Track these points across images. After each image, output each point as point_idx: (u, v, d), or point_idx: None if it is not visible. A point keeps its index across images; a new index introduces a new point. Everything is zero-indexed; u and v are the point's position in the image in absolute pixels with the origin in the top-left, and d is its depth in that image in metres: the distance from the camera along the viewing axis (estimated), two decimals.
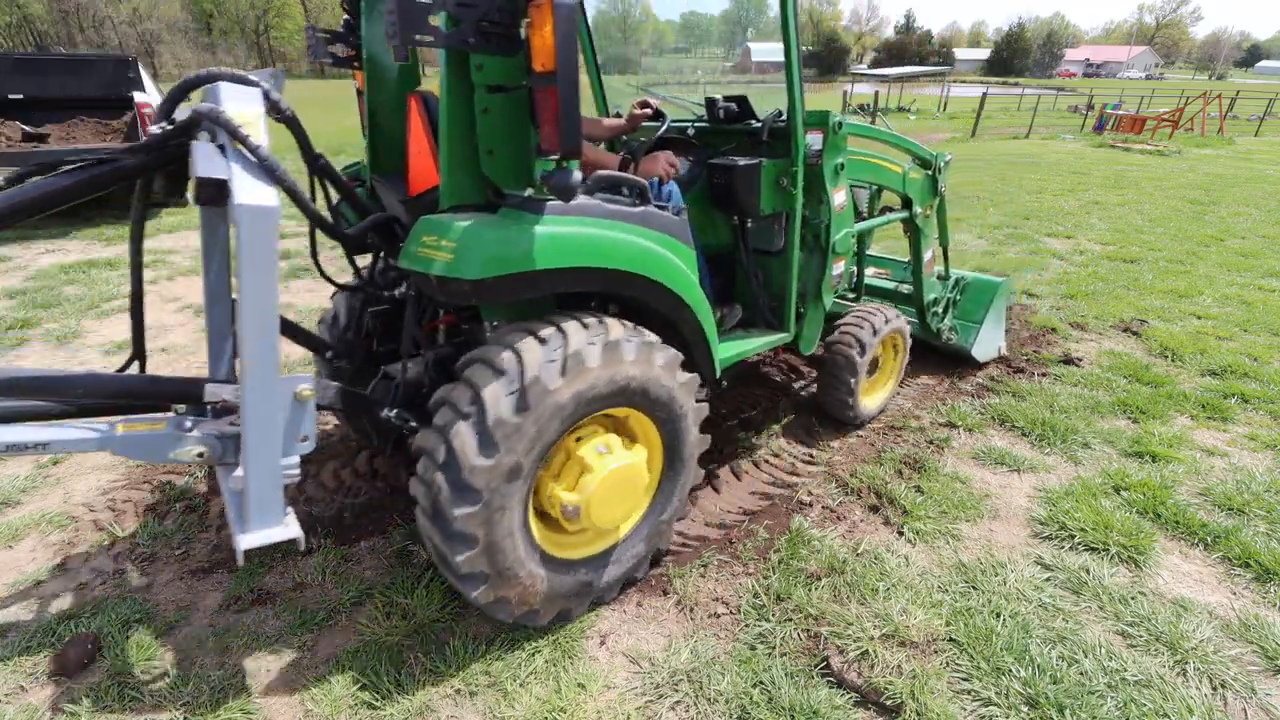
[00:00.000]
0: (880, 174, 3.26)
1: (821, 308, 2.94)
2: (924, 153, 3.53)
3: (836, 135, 2.74)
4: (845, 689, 1.98)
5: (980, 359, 4.02)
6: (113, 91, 8.03)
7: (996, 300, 3.95)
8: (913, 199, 3.45)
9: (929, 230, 3.63)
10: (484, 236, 1.74)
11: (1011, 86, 55.56)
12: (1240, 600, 2.34)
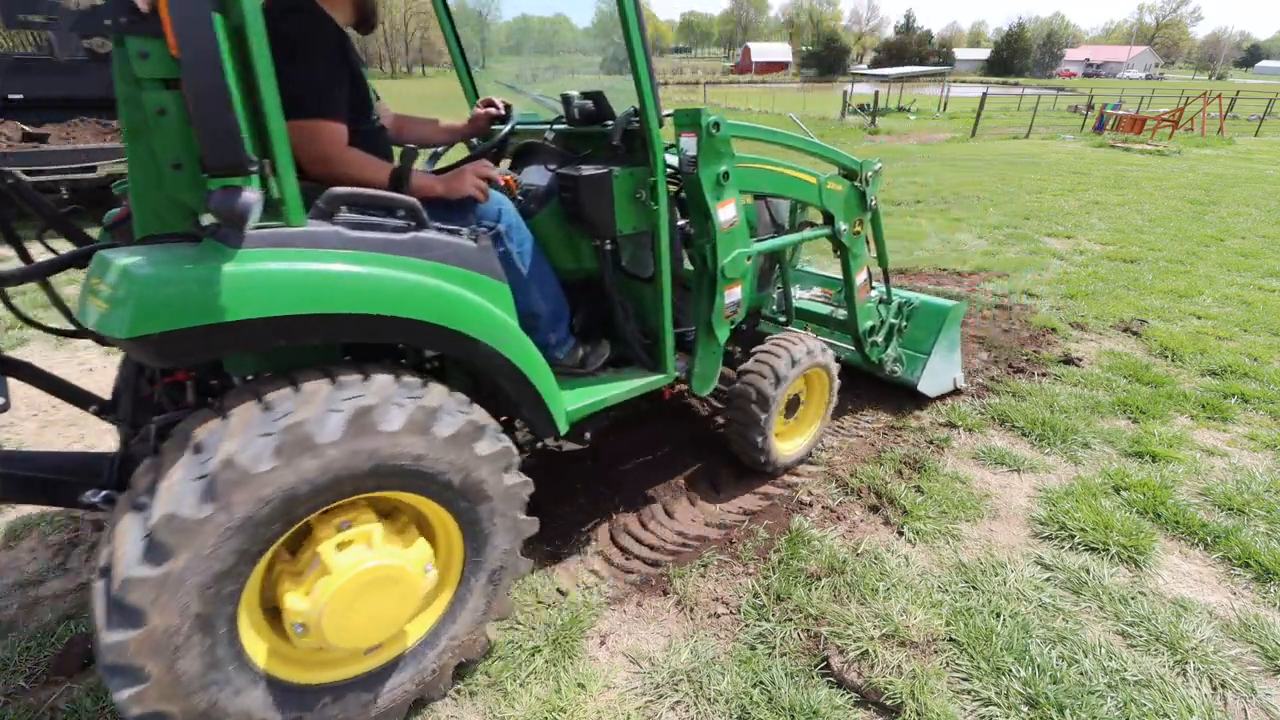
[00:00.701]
0: (785, 184, 2.75)
1: (715, 342, 2.54)
2: (846, 160, 3.03)
3: (715, 138, 2.31)
4: (845, 689, 1.98)
5: (929, 394, 3.58)
6: (112, 92, 8.02)
7: (947, 327, 3.49)
8: (834, 214, 2.96)
9: (859, 250, 3.14)
10: (144, 281, 1.28)
11: (1011, 86, 55.59)
12: (1240, 600, 2.34)
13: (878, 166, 3.07)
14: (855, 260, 3.12)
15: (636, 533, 2.67)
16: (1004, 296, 5.56)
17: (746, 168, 2.54)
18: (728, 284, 2.47)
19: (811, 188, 2.84)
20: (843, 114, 24.28)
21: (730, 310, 2.53)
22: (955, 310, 3.52)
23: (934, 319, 3.53)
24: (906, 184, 11.21)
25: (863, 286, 3.20)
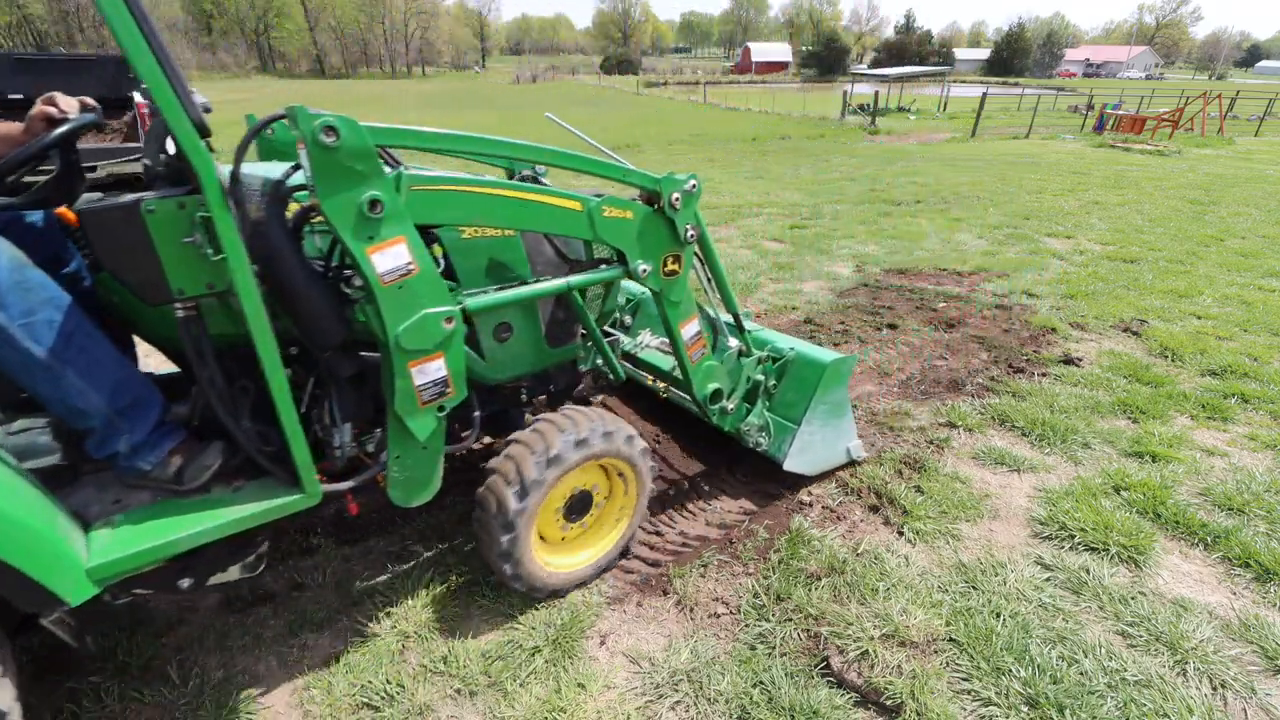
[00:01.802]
0: (512, 213, 1.90)
1: (412, 438, 1.84)
2: (639, 178, 2.14)
3: (333, 151, 1.50)
4: (845, 689, 1.98)
5: (804, 472, 2.87)
6: (113, 91, 8.04)
7: (824, 387, 2.74)
8: (625, 251, 2.15)
9: (679, 295, 2.33)
10: None
11: (1011, 86, 55.58)
12: (1240, 600, 2.34)
13: (690, 185, 2.22)
14: (674, 309, 2.34)
15: (636, 532, 2.67)
16: (1004, 296, 5.56)
17: (425, 191, 1.70)
18: (413, 358, 1.74)
19: (572, 216, 2.00)
20: (843, 114, 24.30)
21: (430, 394, 1.81)
22: (837, 366, 2.75)
23: (808, 377, 2.77)
24: (906, 184, 11.21)
25: (694, 342, 2.45)
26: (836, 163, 13.91)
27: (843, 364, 2.78)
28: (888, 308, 5.26)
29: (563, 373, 2.60)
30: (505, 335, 2.22)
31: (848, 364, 2.81)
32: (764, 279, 5.95)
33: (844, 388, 2.86)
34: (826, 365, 2.72)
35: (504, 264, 2.16)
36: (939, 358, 4.34)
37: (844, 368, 2.80)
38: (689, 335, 2.43)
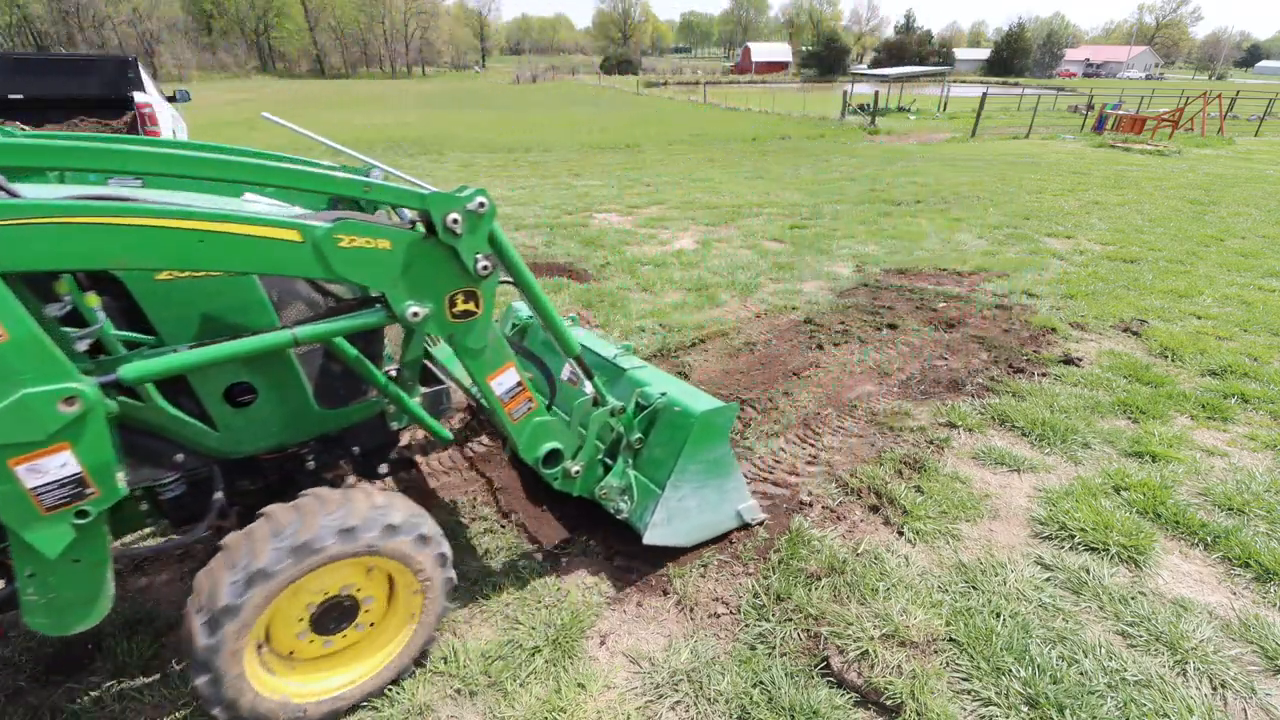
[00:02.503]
0: (174, 251, 1.41)
1: (36, 553, 1.43)
2: (386, 194, 1.64)
3: None
4: (845, 689, 1.98)
5: (674, 544, 2.42)
6: (113, 91, 8.04)
7: (694, 445, 2.28)
8: (384, 291, 1.68)
9: (474, 341, 1.87)
10: None
11: (1011, 86, 55.59)
12: (1240, 600, 2.34)
13: (477, 203, 1.66)
14: (475, 360, 1.90)
15: None
16: (1004, 296, 5.56)
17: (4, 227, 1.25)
18: (13, 455, 1.34)
19: (285, 251, 1.50)
20: (843, 114, 24.30)
21: (53, 498, 1.40)
22: (710, 418, 2.29)
23: (677, 431, 2.31)
24: (907, 184, 11.21)
25: (512, 396, 2.01)
26: (836, 163, 13.91)
27: (718, 415, 2.32)
28: (888, 308, 5.26)
29: (367, 433, 2.18)
30: (246, 399, 1.79)
31: (726, 414, 2.34)
32: (764, 279, 5.95)
33: (723, 442, 2.38)
34: (696, 417, 2.26)
35: (227, 310, 1.71)
36: (939, 358, 4.34)
37: (720, 419, 2.33)
38: (504, 389, 1.98)
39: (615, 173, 12.11)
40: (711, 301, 5.32)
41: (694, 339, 4.57)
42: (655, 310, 5.08)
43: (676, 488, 2.31)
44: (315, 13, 67.92)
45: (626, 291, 5.48)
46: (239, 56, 63.02)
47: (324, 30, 69.44)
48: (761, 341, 4.59)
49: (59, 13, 51.56)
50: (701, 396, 2.40)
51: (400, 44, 76.79)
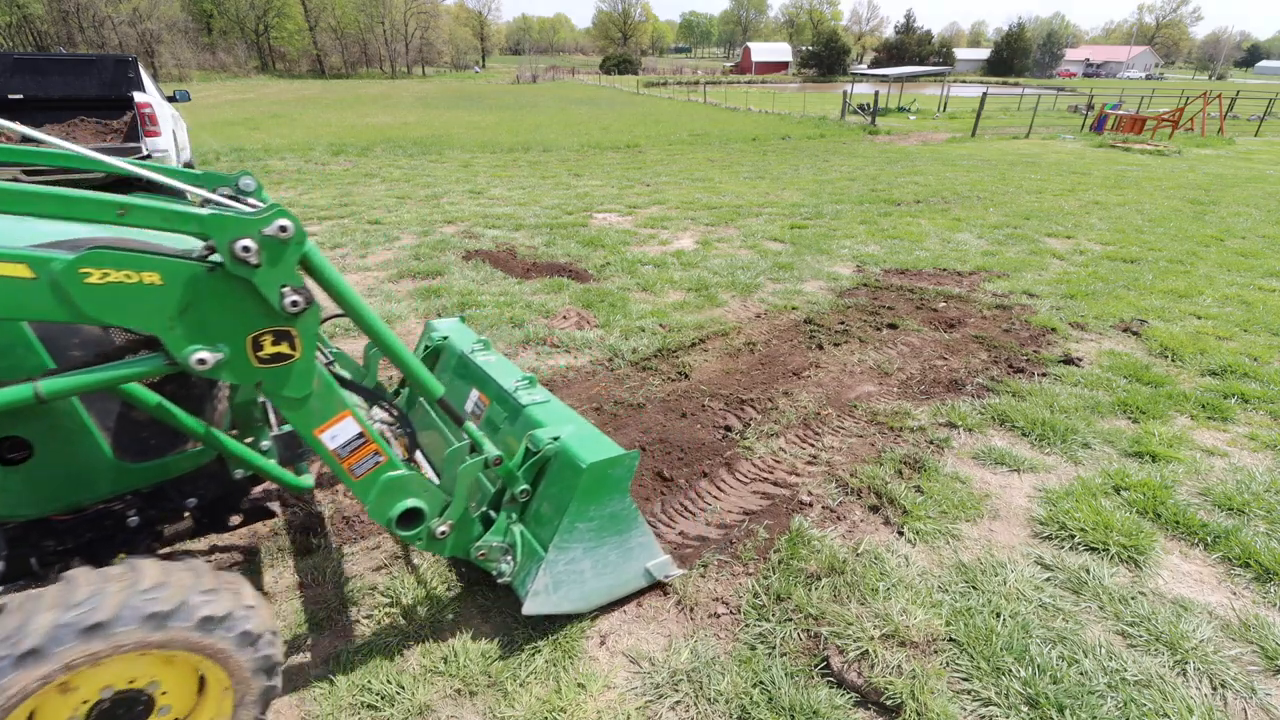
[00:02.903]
0: None
1: None
2: (159, 219, 1.35)
3: None
4: (845, 689, 1.98)
5: (566, 611, 2.14)
6: (113, 91, 8.05)
7: (582, 501, 1.99)
8: (162, 337, 1.38)
9: (294, 388, 1.57)
10: None
11: (1011, 86, 55.61)
12: (1240, 600, 2.34)
13: (277, 226, 1.36)
14: (296, 410, 1.60)
15: None
16: (1004, 296, 5.56)
17: None
18: None
19: (6, 289, 1.25)
20: (843, 114, 24.30)
21: None
22: (601, 469, 1.98)
23: (566, 484, 2.01)
24: (907, 184, 11.21)
25: (351, 451, 1.71)
26: (837, 163, 13.91)
27: (612, 465, 2.00)
28: (888, 308, 5.26)
29: (205, 482, 1.95)
30: (18, 456, 1.56)
31: (622, 464, 2.02)
32: (764, 279, 5.95)
33: (622, 496, 2.08)
34: (584, 469, 1.94)
35: None
36: (939, 358, 4.34)
37: (615, 470, 2.01)
38: (340, 442, 1.68)
39: (615, 173, 12.11)
40: (712, 301, 5.32)
41: (694, 339, 4.57)
42: (655, 310, 5.08)
43: (564, 549, 2.01)
44: (315, 13, 67.93)
45: (627, 291, 5.48)
46: (239, 56, 63.02)
47: (324, 30, 69.46)
48: (762, 341, 4.59)
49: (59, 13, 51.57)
50: (599, 443, 2.07)
51: (400, 44, 76.80)
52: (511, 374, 2.50)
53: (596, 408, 3.61)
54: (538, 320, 4.82)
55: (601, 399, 3.71)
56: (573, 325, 4.77)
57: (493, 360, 2.66)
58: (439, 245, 6.78)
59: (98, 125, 8.01)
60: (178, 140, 8.60)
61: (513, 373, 2.52)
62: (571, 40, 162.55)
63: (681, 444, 3.28)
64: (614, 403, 3.66)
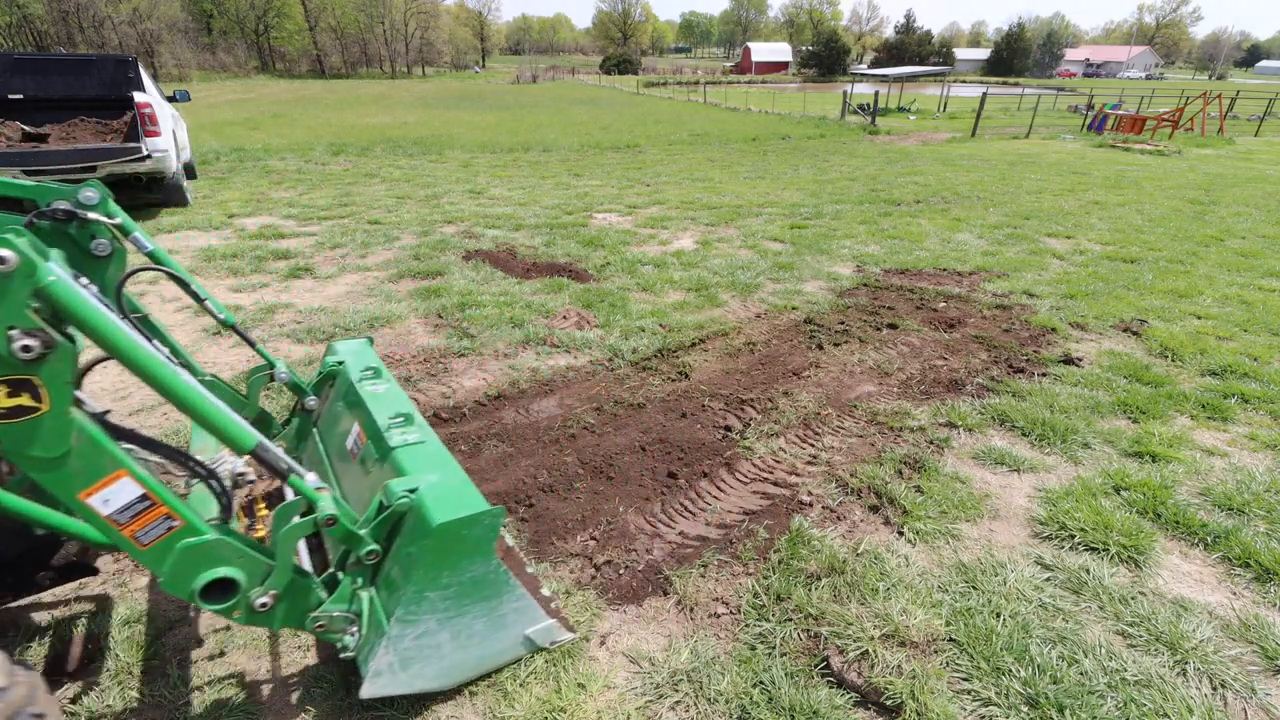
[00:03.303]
0: None
1: None
2: None
3: None
4: (845, 689, 1.98)
5: (409, 693, 1.84)
6: (113, 91, 8.05)
7: (432, 565, 1.69)
8: None
9: (51, 448, 1.34)
10: None
11: (1011, 86, 55.61)
12: (1240, 600, 2.34)
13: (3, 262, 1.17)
14: (47, 471, 1.35)
15: (636, 532, 2.67)
16: (1004, 296, 5.56)
17: None
18: None
19: None
20: (843, 114, 24.31)
21: None
22: (456, 529, 1.67)
23: (413, 546, 1.69)
24: (907, 184, 11.21)
25: (137, 515, 1.47)
26: (837, 163, 13.91)
27: (470, 525, 1.69)
28: (888, 308, 5.26)
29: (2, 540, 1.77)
30: None
31: (482, 523, 1.71)
32: (764, 279, 5.95)
33: (485, 559, 1.76)
34: (432, 530, 1.63)
35: None
36: (939, 358, 4.34)
37: (473, 530, 1.70)
38: (114, 508, 1.43)
39: (615, 173, 12.11)
40: (712, 301, 5.32)
41: (694, 339, 4.57)
42: (655, 310, 5.08)
43: (411, 622, 1.72)
44: (315, 13, 67.92)
45: (627, 291, 5.48)
46: (239, 57, 63.00)
47: (324, 30, 69.46)
48: (762, 341, 4.59)
49: (59, 13, 51.55)
50: (461, 498, 1.73)
51: (400, 44, 76.80)
52: (393, 407, 2.18)
53: (596, 408, 3.61)
54: (538, 320, 4.82)
55: (601, 399, 3.71)
56: (573, 325, 4.77)
57: (380, 390, 2.32)
58: (439, 245, 6.78)
59: (98, 125, 8.01)
60: (178, 140, 8.60)
61: (395, 405, 2.20)
62: (571, 40, 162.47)
63: (681, 444, 3.28)
64: (614, 403, 3.66)
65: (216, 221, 7.60)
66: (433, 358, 4.19)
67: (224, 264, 6.03)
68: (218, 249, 6.47)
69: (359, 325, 4.66)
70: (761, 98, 35.27)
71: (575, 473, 3.03)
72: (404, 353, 4.27)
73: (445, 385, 3.83)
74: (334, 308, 5.02)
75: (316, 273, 5.90)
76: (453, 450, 3.15)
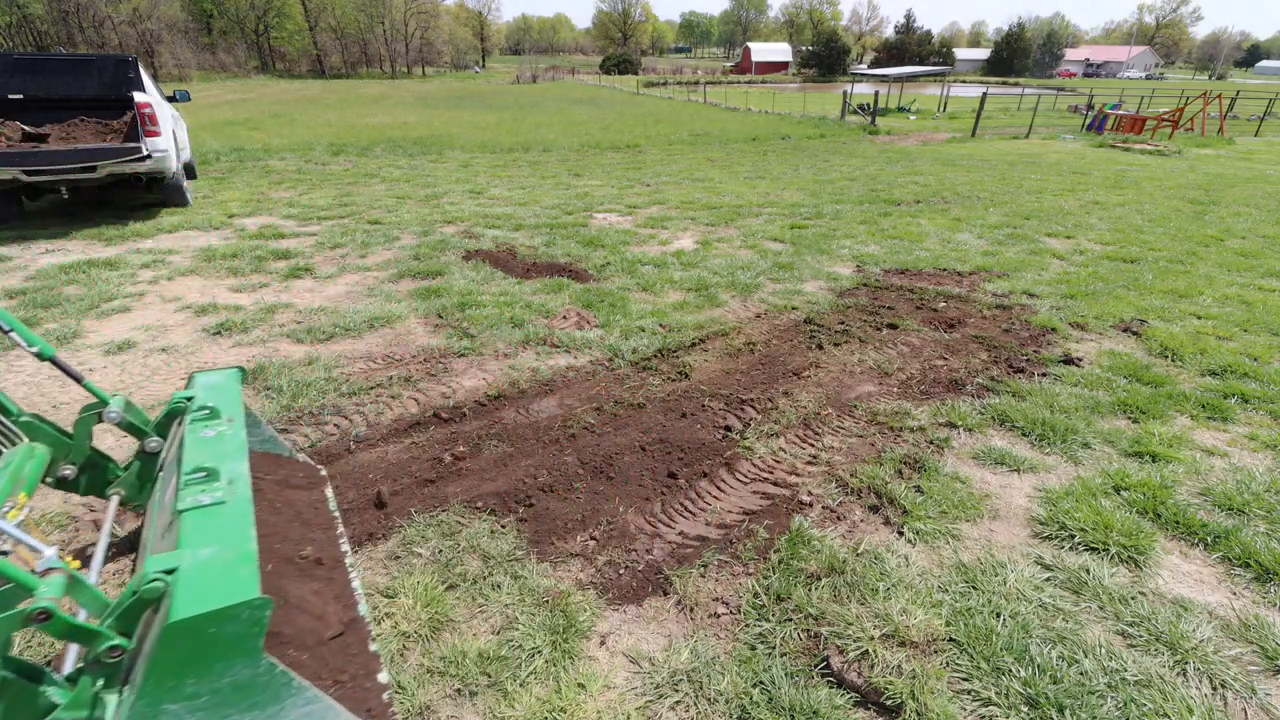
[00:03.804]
0: None
1: None
2: None
3: None
4: (845, 689, 1.98)
5: None
6: (113, 91, 8.05)
7: (164, 675, 1.30)
8: None
9: None
10: None
11: (1011, 86, 55.61)
12: (1240, 600, 2.34)
13: None
14: None
15: (636, 532, 2.67)
16: (1004, 296, 5.56)
17: None
18: None
19: None
20: (843, 114, 24.31)
21: None
22: (207, 624, 1.33)
23: (155, 642, 1.32)
24: (907, 184, 11.21)
25: None
26: (837, 163, 13.91)
27: (222, 620, 1.34)
28: (888, 308, 5.26)
29: None
30: None
31: (238, 618, 1.35)
32: (764, 279, 5.95)
33: (248, 660, 1.37)
34: (166, 625, 1.30)
35: None
36: (939, 358, 4.34)
37: (228, 627, 1.35)
38: None
39: (615, 173, 12.11)
40: (712, 302, 5.32)
41: (694, 339, 4.57)
42: (656, 310, 5.08)
43: None
44: (315, 13, 67.92)
45: (627, 291, 5.48)
46: (239, 57, 62.98)
47: (324, 30, 69.45)
48: (762, 341, 4.59)
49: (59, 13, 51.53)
50: (226, 582, 1.39)
51: (400, 44, 76.78)
52: (205, 457, 1.86)
53: (596, 408, 3.61)
54: (538, 320, 4.82)
55: (601, 399, 3.71)
56: (573, 325, 4.77)
57: (209, 435, 1.98)
58: (439, 245, 6.78)
59: (98, 125, 8.01)
60: (178, 140, 8.60)
61: (208, 455, 1.87)
62: (571, 40, 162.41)
63: (681, 444, 3.28)
64: (614, 403, 3.66)
65: (216, 221, 7.61)
66: (433, 358, 4.19)
67: (224, 264, 6.03)
68: (218, 249, 6.47)
69: (359, 325, 4.66)
70: (761, 98, 35.27)
71: (575, 473, 3.03)
72: (404, 353, 4.27)
73: (445, 385, 3.84)
74: (334, 308, 5.02)
75: (316, 273, 5.90)
76: (453, 450, 3.15)
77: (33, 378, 3.80)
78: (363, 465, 3.07)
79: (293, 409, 3.51)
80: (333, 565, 2.00)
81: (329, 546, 2.09)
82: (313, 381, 3.79)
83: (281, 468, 2.42)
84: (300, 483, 2.39)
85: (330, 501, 2.37)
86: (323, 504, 2.33)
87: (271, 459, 2.43)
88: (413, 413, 3.54)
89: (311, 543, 2.05)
